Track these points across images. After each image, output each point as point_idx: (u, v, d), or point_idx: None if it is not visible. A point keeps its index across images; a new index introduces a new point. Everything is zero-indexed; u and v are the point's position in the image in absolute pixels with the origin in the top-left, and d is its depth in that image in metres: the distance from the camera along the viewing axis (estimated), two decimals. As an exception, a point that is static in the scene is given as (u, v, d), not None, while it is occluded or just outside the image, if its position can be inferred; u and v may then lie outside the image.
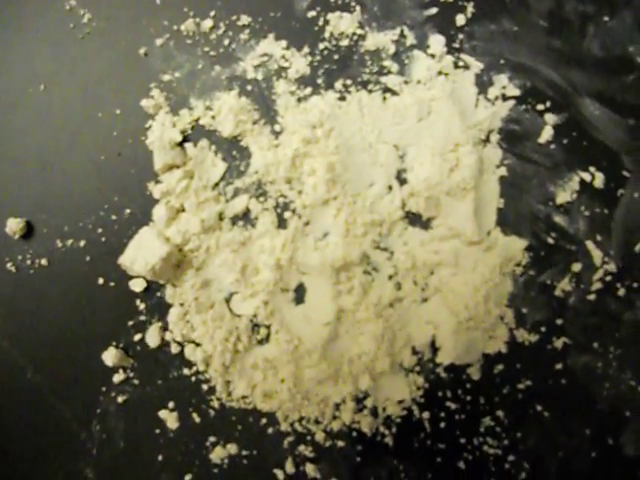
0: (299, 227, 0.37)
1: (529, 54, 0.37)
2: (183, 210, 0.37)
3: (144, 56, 0.38)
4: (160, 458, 0.38)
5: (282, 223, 0.37)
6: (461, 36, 0.37)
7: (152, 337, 0.38)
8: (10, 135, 0.38)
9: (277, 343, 0.37)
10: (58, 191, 0.38)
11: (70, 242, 0.38)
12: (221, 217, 0.37)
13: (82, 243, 0.38)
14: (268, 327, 0.38)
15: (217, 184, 0.37)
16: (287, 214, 0.37)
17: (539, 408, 0.37)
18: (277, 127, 0.37)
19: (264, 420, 0.38)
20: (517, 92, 0.37)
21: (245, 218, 0.37)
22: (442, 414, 0.37)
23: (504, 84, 0.37)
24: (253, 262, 0.37)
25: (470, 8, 0.37)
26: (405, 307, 0.37)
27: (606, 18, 0.37)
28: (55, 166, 0.38)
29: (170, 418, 0.38)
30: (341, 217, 0.37)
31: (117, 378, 0.38)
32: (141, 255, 0.36)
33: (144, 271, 0.35)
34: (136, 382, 0.38)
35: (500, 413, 0.37)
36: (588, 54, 0.37)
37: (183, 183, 0.36)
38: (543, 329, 0.37)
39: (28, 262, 0.38)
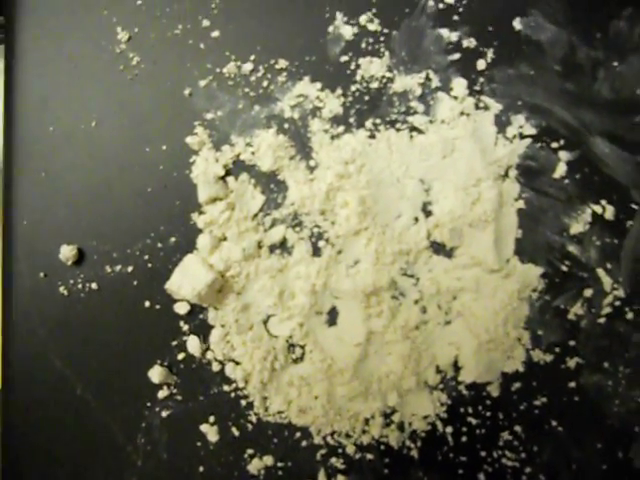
0: (332, 255, 0.40)
1: (544, 96, 0.40)
2: (225, 239, 0.40)
3: (189, 96, 0.41)
4: (201, 469, 0.41)
5: (316, 251, 0.40)
6: (482, 79, 0.40)
7: (193, 349, 0.40)
8: (65, 168, 0.42)
9: (311, 362, 0.40)
10: (108, 220, 0.41)
11: (119, 268, 0.41)
12: (260, 246, 0.40)
13: (130, 269, 0.41)
14: (303, 347, 0.41)
15: (256, 215, 0.41)
16: (321, 243, 0.40)
17: (554, 423, 0.40)
18: (312, 162, 0.40)
19: (298, 434, 0.40)
20: (533, 131, 0.40)
21: (282, 247, 0.40)
22: (464, 429, 0.40)
23: (521, 124, 0.40)
24: (289, 287, 0.40)
25: (490, 54, 0.40)
26: (430, 329, 0.40)
27: (615, 63, 0.40)
28: (105, 197, 0.41)
29: (210, 432, 0.41)
30: (371, 246, 0.40)
31: (161, 394, 0.41)
32: (187, 281, 0.39)
33: (190, 296, 0.38)
34: (179, 398, 0.41)
35: (518, 428, 0.40)
36: (599, 96, 0.40)
37: (225, 214, 0.40)
38: (557, 350, 0.40)
39: (79, 286, 0.41)
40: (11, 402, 0.42)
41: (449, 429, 0.40)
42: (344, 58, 0.41)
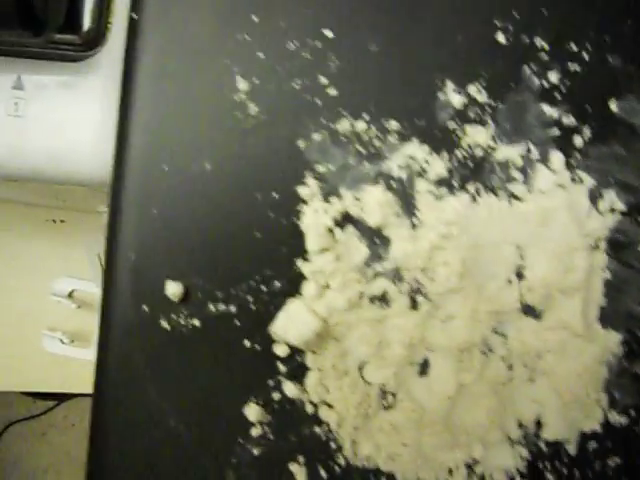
0: (429, 310, 0.42)
1: (635, 175, 0.44)
2: (329, 287, 0.42)
3: (302, 148, 0.43)
4: (287, 508, 0.42)
5: (415, 305, 0.43)
6: (578, 155, 0.44)
7: (290, 392, 0.42)
8: (176, 207, 0.44)
9: (402, 410, 0.43)
10: (215, 260, 0.43)
11: (222, 307, 0.43)
12: (361, 296, 0.42)
13: (232, 309, 0.43)
14: (395, 395, 0.43)
15: (360, 267, 0.43)
16: (420, 298, 0.43)
17: None
18: (416, 221, 0.43)
19: (384, 479, 0.42)
20: (623, 207, 0.44)
21: (382, 299, 0.43)
22: None
23: (612, 199, 0.44)
24: (386, 338, 0.43)
25: (587, 132, 0.44)
26: (515, 386, 0.43)
27: (701, 150, 0.43)
28: (213, 238, 0.44)
29: (299, 472, 0.43)
30: (467, 305, 0.42)
31: (254, 432, 0.43)
32: (293, 326, 0.41)
33: (298, 341, 0.41)
34: (271, 437, 0.43)
35: None
36: (684, 179, 0.43)
37: (332, 265, 0.42)
38: (632, 413, 0.43)
39: (182, 322, 0.43)
40: (104, 426, 0.44)
41: None
42: (452, 124, 0.44)
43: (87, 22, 0.53)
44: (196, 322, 0.44)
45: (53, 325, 0.94)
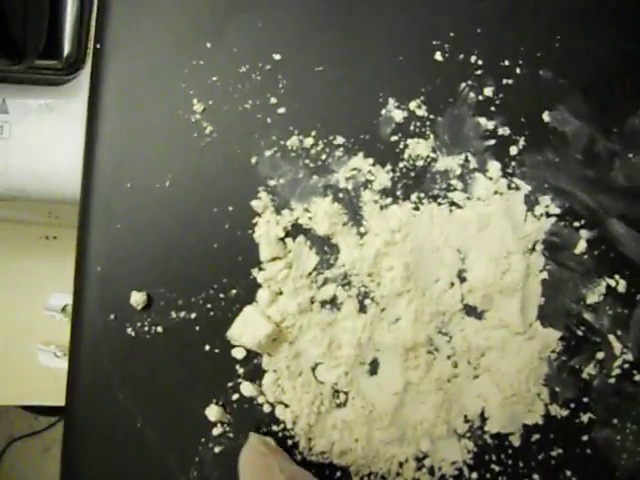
0: (377, 313, 0.45)
1: (567, 180, 0.46)
2: (281, 293, 0.45)
3: (255, 164, 0.47)
4: (248, 502, 0.45)
5: (363, 308, 0.46)
6: (513, 163, 0.47)
7: (248, 392, 0.45)
8: (138, 221, 0.47)
9: (353, 408, 0.45)
10: (176, 271, 0.47)
11: (183, 314, 0.46)
12: (312, 301, 0.45)
13: (193, 315, 0.46)
14: (347, 394, 0.46)
15: (310, 274, 0.46)
16: (367, 301, 0.46)
17: (568, 474, 0.46)
18: (362, 229, 0.46)
19: (339, 473, 0.46)
20: (558, 211, 0.47)
21: (332, 303, 0.46)
22: (488, 475, 0.46)
23: (547, 204, 0.46)
24: (337, 339, 0.45)
25: (521, 141, 0.47)
26: (460, 382, 0.46)
27: (630, 155, 0.47)
28: (174, 250, 0.47)
29: (259, 467, 0.45)
30: (411, 306, 0.45)
31: (216, 431, 0.46)
32: (248, 330, 0.44)
33: (251, 344, 0.44)
34: (231, 435, 0.46)
35: (536, 476, 0.46)
36: (615, 183, 0.46)
37: (284, 272, 0.45)
38: (572, 405, 0.46)
39: (146, 329, 0.46)
40: (73, 428, 0.47)
41: (474, 475, 0.46)
42: (394, 138, 0.47)
43: (67, 47, 0.57)
44: (159, 329, 0.47)
45: (47, 339, 0.98)
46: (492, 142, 0.47)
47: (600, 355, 0.46)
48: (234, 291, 0.47)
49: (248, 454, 0.40)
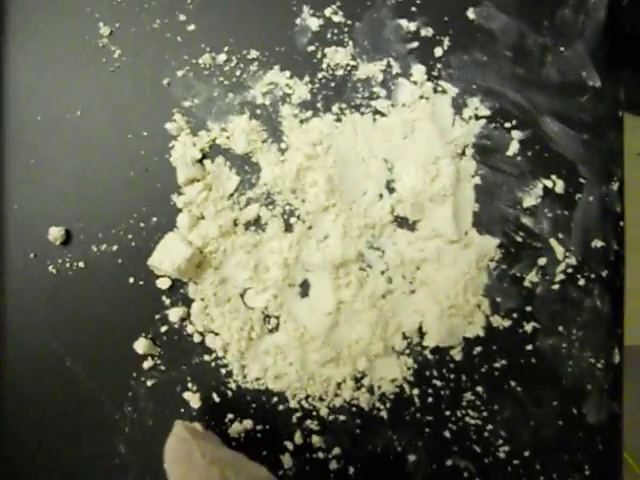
0: (303, 231, 0.43)
1: (497, 80, 0.44)
2: (203, 218, 0.44)
3: (167, 86, 0.44)
4: (184, 434, 0.44)
5: (288, 227, 0.44)
6: (439, 65, 0.44)
7: (176, 323, 0.43)
8: (52, 155, 0.45)
9: (286, 331, 0.44)
10: (93, 202, 0.45)
11: (104, 247, 0.44)
12: (236, 223, 0.44)
13: (114, 248, 0.44)
14: (278, 318, 0.44)
15: (232, 195, 0.44)
16: (293, 220, 0.44)
17: (513, 384, 0.44)
18: (283, 145, 0.44)
19: (275, 399, 0.44)
20: (488, 112, 0.45)
21: (256, 224, 0.44)
22: (430, 391, 0.44)
23: (476, 106, 0.44)
24: (264, 261, 0.44)
25: (446, 42, 0.44)
26: (395, 298, 0.44)
27: (562, 48, 0.44)
28: (90, 181, 0.45)
29: (193, 399, 0.44)
30: (339, 221, 0.43)
31: (146, 365, 0.44)
32: (168, 257, 0.42)
33: (171, 270, 0.42)
34: (163, 368, 0.45)
35: (480, 389, 0.44)
36: (547, 79, 0.44)
37: (203, 194, 0.43)
38: (515, 315, 0.44)
39: (67, 265, 0.45)
40: (3, 373, 0.45)
41: (416, 391, 0.44)
42: (311, 48, 0.45)
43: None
44: (81, 264, 0.45)
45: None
46: (415, 45, 0.45)
47: (542, 261, 0.44)
48: (154, 219, 0.45)
49: (170, 442, 0.38)
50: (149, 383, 0.45)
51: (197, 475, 0.34)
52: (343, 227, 0.44)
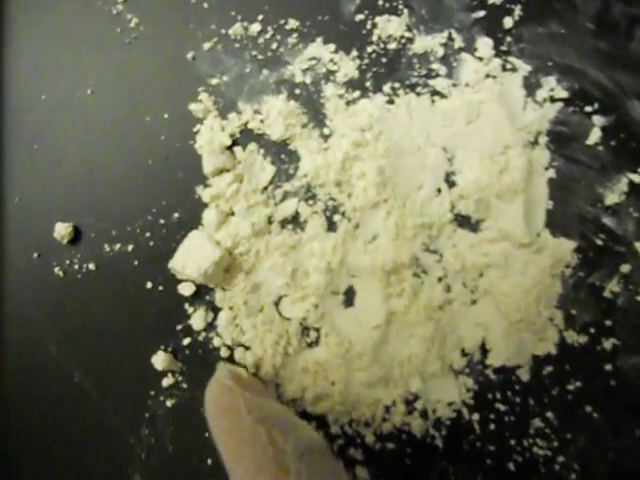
0: (349, 230, 0.38)
1: (577, 56, 0.39)
2: (233, 214, 0.38)
3: (192, 60, 0.39)
4: (209, 462, 0.39)
5: (332, 226, 0.39)
6: (509, 39, 0.39)
7: (201, 335, 0.38)
8: (58, 140, 0.40)
9: (327, 346, 0.38)
10: (105, 195, 0.40)
11: (118, 246, 0.39)
12: (270, 221, 0.38)
13: (130, 247, 0.39)
14: (318, 330, 0.39)
15: (266, 188, 0.39)
16: (336, 217, 0.38)
17: (589, 409, 0.39)
18: (326, 130, 0.39)
19: (314, 423, 0.38)
20: (565, 94, 0.39)
21: (294, 221, 0.39)
22: (492, 416, 0.39)
23: (552, 86, 0.39)
24: (303, 265, 0.38)
25: (518, 11, 0.38)
26: (455, 309, 0.39)
27: (653, 20, 0.37)
28: (102, 170, 0.40)
29: (219, 422, 0.38)
30: (391, 220, 0.38)
31: (166, 382, 0.40)
32: (192, 259, 0.37)
33: (196, 275, 0.36)
34: (185, 386, 0.39)
35: (550, 414, 0.39)
36: (636, 56, 0.38)
37: (233, 187, 0.38)
38: (592, 330, 0.39)
39: (76, 267, 0.40)
40: (5, 389, 0.40)
41: (476, 416, 0.39)
42: (359, 17, 0.40)
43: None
44: (91, 265, 0.40)
45: None
46: (481, 14, 0.40)
47: (625, 268, 0.39)
48: (176, 215, 0.39)
49: (213, 390, 0.33)
50: (169, 403, 0.40)
51: (242, 433, 0.31)
52: (395, 226, 0.38)
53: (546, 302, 0.39)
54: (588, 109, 0.39)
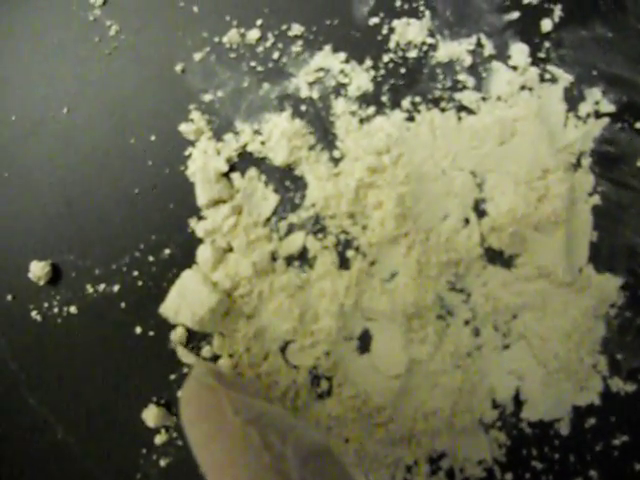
0: (364, 267, 0.36)
1: (626, 64, 0.36)
2: (231, 250, 0.34)
3: (181, 73, 0.36)
4: (209, 527, 0.34)
5: (344, 263, 0.36)
6: (547, 44, 0.37)
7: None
8: (30, 166, 0.37)
9: (340, 398, 0.36)
10: (86, 229, 0.37)
11: (102, 287, 0.36)
12: (274, 257, 0.34)
13: (116, 288, 0.36)
14: (330, 380, 0.36)
15: (269, 220, 0.37)
16: (350, 253, 0.36)
17: (638, 467, 0.35)
18: (337, 153, 0.36)
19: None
20: (612, 108, 0.36)
21: (302, 258, 0.37)
22: (527, 475, 0.36)
23: (597, 99, 0.37)
24: (312, 308, 0.36)
25: (557, 11, 0.36)
26: (485, 356, 0.37)
27: None
28: (82, 201, 0.37)
29: (219, 482, 0.34)
30: (412, 256, 0.34)
31: (159, 439, 0.37)
32: (186, 304, 0.33)
33: (191, 322, 0.33)
34: (180, 443, 0.37)
35: (593, 473, 0.37)
36: (694, 63, 0.33)
37: (231, 220, 0.34)
38: (640, 377, 0.34)
39: (55, 310, 0.37)
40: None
41: (509, 476, 0.36)
42: (374, 20, 0.37)
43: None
44: (72, 308, 0.36)
45: None
46: (515, 15, 0.36)
47: (678, 307, 0.34)
48: (167, 251, 0.36)
49: (190, 389, 0.28)
50: (162, 462, 0.36)
51: (228, 438, 0.25)
52: (417, 263, 0.35)
53: (588, 347, 0.37)
54: (639, 125, 0.35)
